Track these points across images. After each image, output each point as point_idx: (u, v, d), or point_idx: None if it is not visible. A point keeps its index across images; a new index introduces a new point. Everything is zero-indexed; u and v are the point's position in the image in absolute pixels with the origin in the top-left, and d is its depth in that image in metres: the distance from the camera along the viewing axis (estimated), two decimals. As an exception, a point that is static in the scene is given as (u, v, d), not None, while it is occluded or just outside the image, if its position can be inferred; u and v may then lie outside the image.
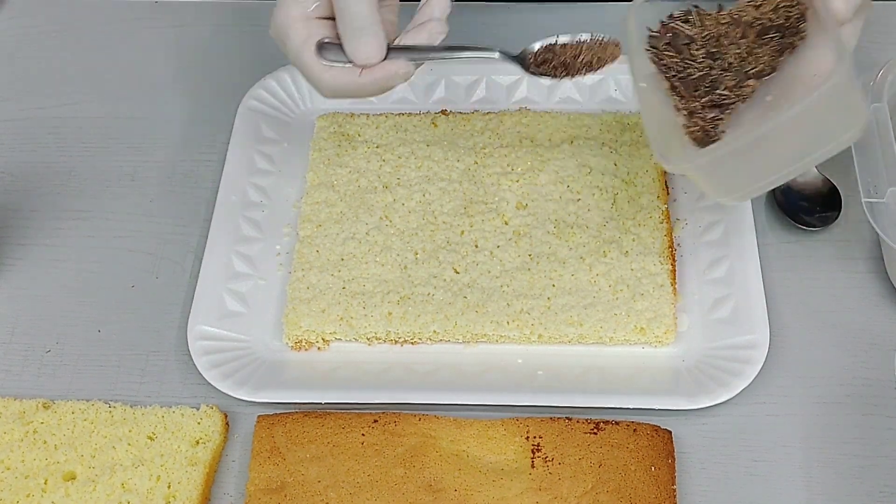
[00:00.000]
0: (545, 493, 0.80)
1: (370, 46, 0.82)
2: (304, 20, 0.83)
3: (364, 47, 0.82)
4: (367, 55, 0.82)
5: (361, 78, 0.82)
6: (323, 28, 0.83)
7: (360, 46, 0.82)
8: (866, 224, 0.91)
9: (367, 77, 0.82)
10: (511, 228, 0.94)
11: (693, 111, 0.81)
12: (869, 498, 0.81)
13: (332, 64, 0.82)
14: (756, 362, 0.85)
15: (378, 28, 0.82)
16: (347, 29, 0.82)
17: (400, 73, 0.83)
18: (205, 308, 0.90)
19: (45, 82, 1.11)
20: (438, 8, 0.84)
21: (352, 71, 0.82)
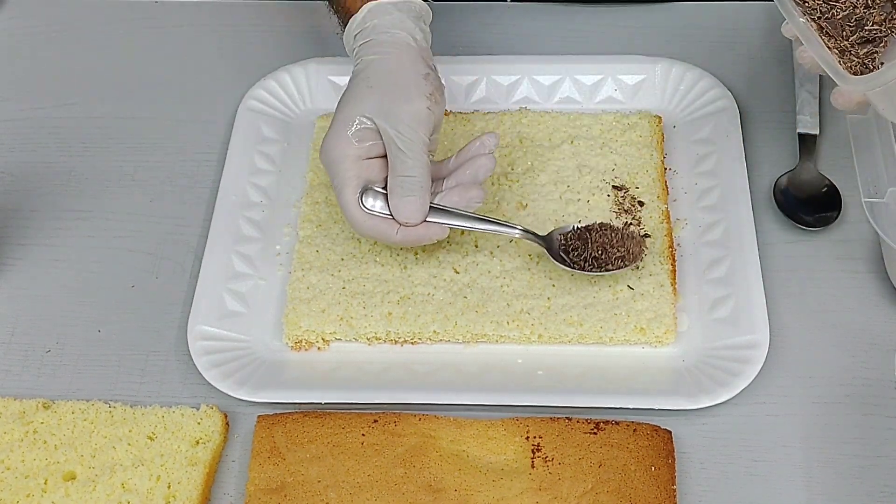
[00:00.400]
0: (545, 493, 0.80)
1: (415, 209, 0.86)
2: (356, 160, 0.86)
3: (408, 208, 0.86)
4: (409, 216, 0.86)
5: (398, 235, 0.87)
6: (372, 169, 0.86)
7: (406, 207, 0.86)
8: (866, 224, 0.91)
9: (403, 234, 0.87)
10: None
11: (844, 49, 0.80)
12: (869, 498, 0.81)
13: (373, 213, 0.86)
14: (756, 362, 0.85)
15: (426, 193, 0.86)
16: (396, 187, 0.86)
17: (434, 238, 0.88)
18: (205, 308, 0.90)
19: (45, 82, 1.11)
20: (482, 172, 0.89)
21: (390, 224, 0.86)
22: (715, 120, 1.01)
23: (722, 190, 0.96)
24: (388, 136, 0.85)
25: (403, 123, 0.85)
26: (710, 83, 1.03)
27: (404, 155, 0.85)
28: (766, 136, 1.01)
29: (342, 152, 0.85)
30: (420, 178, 0.85)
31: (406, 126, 0.85)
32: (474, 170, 0.89)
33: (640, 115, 1.02)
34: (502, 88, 1.05)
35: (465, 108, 1.04)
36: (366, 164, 0.86)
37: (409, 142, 0.85)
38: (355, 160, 0.86)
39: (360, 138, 0.86)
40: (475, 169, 0.89)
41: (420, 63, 0.88)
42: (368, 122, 0.85)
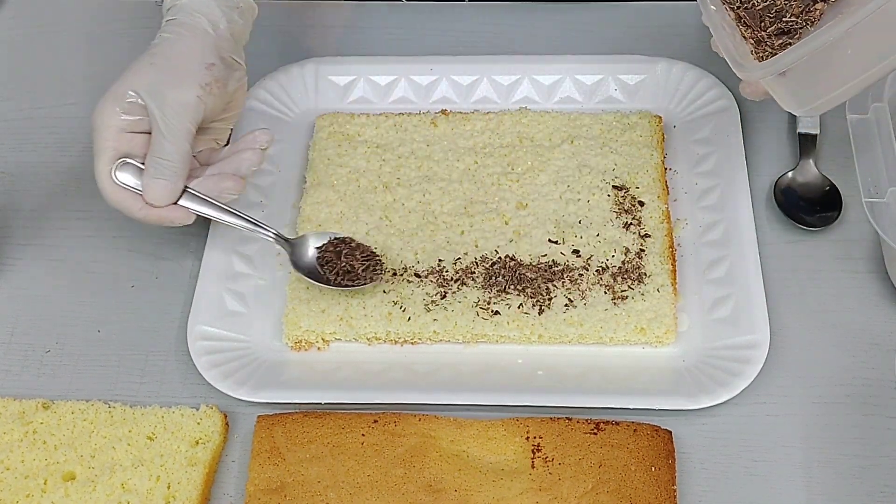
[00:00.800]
0: (545, 493, 0.80)
1: (163, 192, 0.86)
2: (118, 131, 0.86)
3: (158, 191, 0.86)
4: (156, 199, 0.86)
5: (140, 211, 0.87)
6: (134, 143, 0.86)
7: (155, 189, 0.86)
8: (866, 224, 0.90)
9: (145, 212, 0.87)
10: (511, 228, 0.94)
11: (760, 39, 0.80)
12: (869, 498, 0.81)
13: (123, 186, 0.86)
14: (756, 362, 0.85)
15: (179, 178, 0.86)
16: (151, 167, 0.86)
17: (176, 221, 0.88)
18: (205, 308, 0.90)
19: (45, 82, 1.11)
20: (245, 165, 0.89)
21: (136, 200, 0.86)
22: (715, 120, 1.01)
23: (722, 190, 0.96)
24: (153, 115, 0.85)
25: (168, 107, 0.85)
26: (711, 83, 1.03)
27: (163, 138, 0.85)
28: (766, 136, 1.01)
29: (105, 121, 0.85)
30: (175, 163, 0.85)
31: (170, 110, 0.85)
32: (238, 162, 0.89)
33: (640, 114, 1.02)
34: (502, 88, 1.05)
35: (465, 108, 1.04)
36: (128, 136, 0.86)
37: (171, 126, 0.85)
38: (117, 131, 0.85)
39: (127, 111, 0.85)
40: (239, 161, 0.89)
41: (208, 52, 0.88)
42: (139, 98, 0.85)
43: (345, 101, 1.06)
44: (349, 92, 1.06)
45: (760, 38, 0.79)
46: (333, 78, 1.06)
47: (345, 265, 0.90)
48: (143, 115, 0.86)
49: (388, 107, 1.05)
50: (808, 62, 0.75)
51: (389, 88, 1.06)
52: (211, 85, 0.87)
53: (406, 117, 1.03)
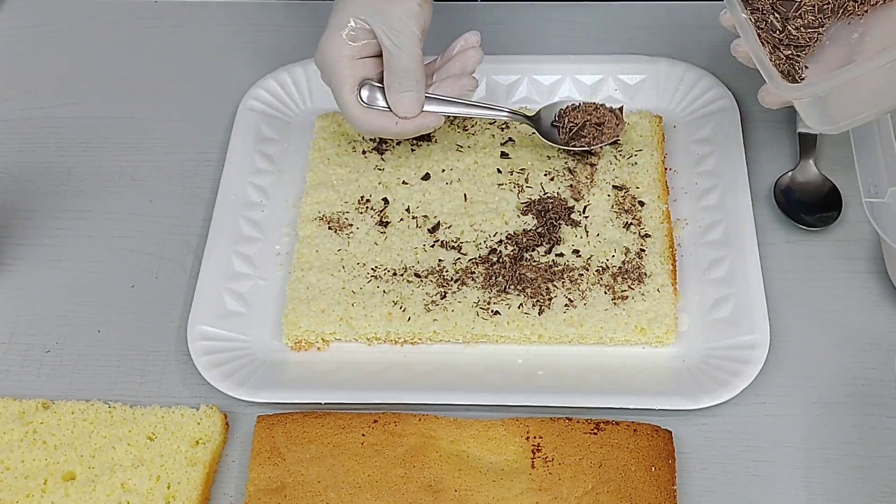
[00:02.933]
0: (545, 493, 0.80)
1: (412, 103, 0.90)
2: (351, 59, 0.89)
3: (406, 102, 0.90)
4: (407, 110, 0.90)
5: (397, 126, 0.91)
6: (367, 67, 0.90)
7: (403, 101, 0.90)
8: (866, 224, 0.91)
9: (401, 126, 0.91)
10: (511, 228, 0.94)
11: (775, 46, 0.83)
12: (869, 498, 0.81)
13: (372, 107, 0.90)
14: (756, 362, 0.85)
15: (422, 86, 0.90)
16: (394, 82, 0.89)
17: (431, 126, 0.92)
18: (205, 308, 0.90)
19: (45, 82, 1.11)
20: (471, 62, 0.92)
21: (389, 117, 0.91)
22: (715, 120, 1.01)
23: (722, 190, 0.96)
24: (381, 33, 0.87)
25: (396, 19, 0.87)
26: (711, 83, 1.03)
27: (399, 50, 0.87)
28: (767, 136, 1.01)
29: (337, 53, 0.88)
30: (415, 72, 0.88)
31: (399, 22, 0.87)
32: (463, 61, 0.92)
33: (640, 114, 1.02)
34: (502, 88, 1.05)
35: (464, 107, 1.04)
36: (360, 62, 0.89)
37: (403, 37, 0.87)
38: (350, 60, 0.89)
39: (353, 38, 0.88)
40: (464, 60, 0.92)
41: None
42: (362, 22, 0.88)
43: (345, 100, 1.06)
44: (349, 92, 1.06)
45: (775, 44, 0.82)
46: (333, 78, 1.06)
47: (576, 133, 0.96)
48: (369, 38, 0.88)
49: (388, 107, 1.05)
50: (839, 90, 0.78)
51: (389, 88, 1.06)
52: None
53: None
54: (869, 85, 0.79)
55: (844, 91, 0.79)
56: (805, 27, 0.83)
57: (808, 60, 0.83)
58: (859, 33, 0.83)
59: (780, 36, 0.83)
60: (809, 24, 0.83)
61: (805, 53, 0.83)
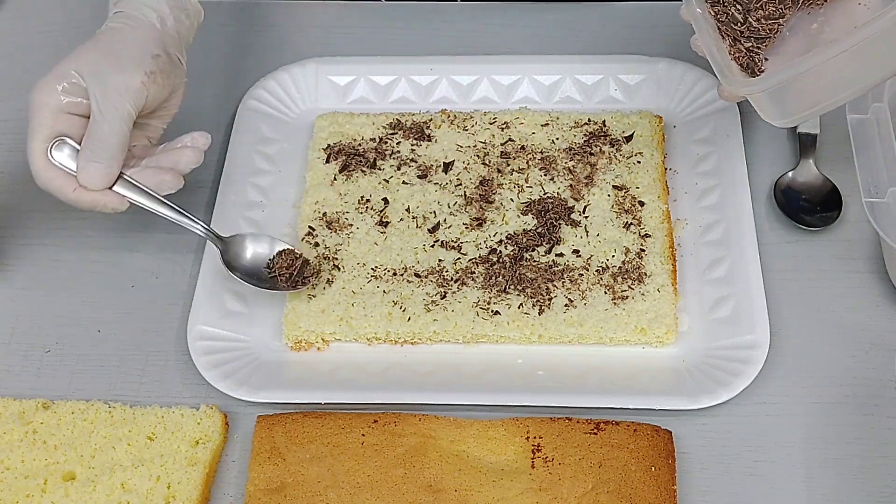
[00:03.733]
0: (545, 493, 0.80)
1: (98, 175, 0.85)
2: (55, 111, 0.84)
3: (92, 174, 0.84)
4: (91, 182, 0.85)
5: (73, 193, 0.85)
6: (71, 125, 0.85)
7: (89, 171, 0.84)
8: (866, 224, 0.90)
9: (77, 194, 0.85)
10: (511, 228, 0.94)
11: (736, 38, 0.82)
12: (869, 498, 0.81)
13: (57, 165, 0.85)
14: (756, 362, 0.85)
15: (116, 162, 0.85)
16: (87, 149, 0.84)
17: (110, 206, 0.86)
18: (205, 308, 0.90)
19: (45, 82, 1.10)
20: (184, 161, 0.88)
21: (69, 181, 0.85)
22: (715, 120, 1.01)
23: (722, 190, 0.96)
24: (94, 97, 0.84)
25: (111, 89, 0.84)
26: (711, 83, 1.03)
27: (103, 119, 0.84)
28: (767, 136, 1.01)
29: (44, 99, 0.84)
30: (112, 147, 0.84)
31: (113, 92, 0.84)
32: (177, 157, 0.89)
33: (640, 114, 1.02)
34: (502, 88, 1.05)
35: (465, 108, 1.04)
36: (66, 117, 0.85)
37: (111, 109, 0.84)
38: (55, 111, 0.84)
39: (67, 91, 0.84)
40: (179, 157, 0.89)
41: (154, 43, 0.88)
42: (81, 79, 0.84)
43: (345, 101, 1.06)
44: (349, 92, 1.06)
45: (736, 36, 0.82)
46: (333, 78, 1.06)
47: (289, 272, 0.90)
48: (83, 97, 0.85)
49: (388, 107, 1.05)
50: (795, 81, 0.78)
51: (389, 88, 1.06)
52: (155, 74, 0.86)
53: (406, 117, 1.03)
54: (823, 77, 0.78)
55: (799, 84, 0.78)
56: (766, 18, 0.82)
57: (768, 52, 0.83)
58: (819, 23, 0.82)
59: (741, 28, 0.82)
60: (770, 15, 0.82)
61: (765, 45, 0.82)
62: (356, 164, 0.99)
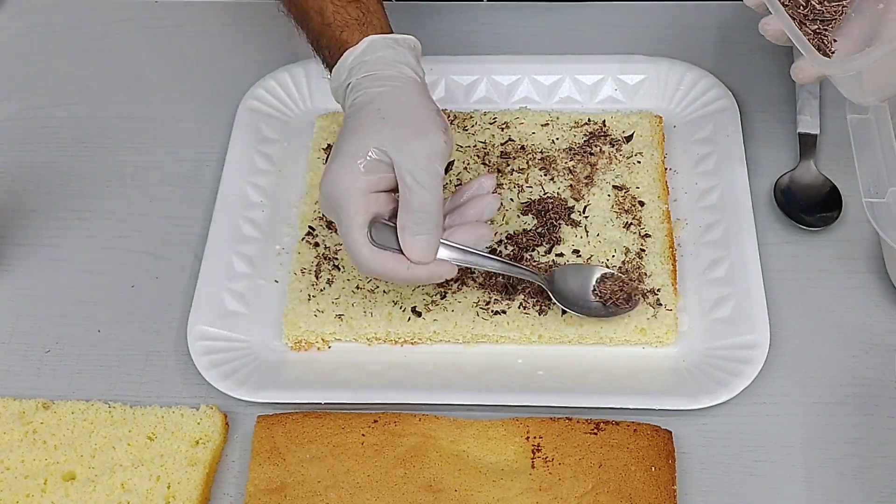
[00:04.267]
0: (545, 493, 0.80)
1: (428, 247, 0.81)
2: (365, 193, 0.80)
3: (421, 246, 0.81)
4: (421, 255, 0.81)
5: (408, 271, 0.82)
6: (379, 202, 0.82)
7: (418, 244, 0.81)
8: (866, 224, 0.90)
9: (413, 272, 0.82)
10: (511, 228, 0.94)
11: (801, 21, 0.82)
12: (869, 498, 0.81)
13: (382, 249, 0.81)
14: (756, 362, 0.85)
15: (439, 230, 0.82)
16: (410, 223, 0.81)
17: (444, 275, 0.83)
18: (205, 308, 0.90)
19: (45, 82, 1.11)
20: (489, 209, 0.86)
21: (400, 260, 0.81)
22: (715, 120, 1.01)
23: (722, 190, 0.96)
24: (402, 169, 0.80)
25: (421, 156, 0.80)
26: (711, 83, 1.03)
27: (421, 189, 0.80)
28: (767, 136, 1.01)
29: (351, 184, 0.80)
30: (435, 214, 0.81)
31: (424, 159, 0.80)
32: (480, 208, 0.86)
33: (640, 114, 1.02)
34: (502, 88, 1.05)
35: (465, 108, 1.04)
36: (374, 197, 0.81)
37: (426, 175, 0.80)
38: (364, 193, 0.80)
39: (370, 169, 0.81)
40: (481, 207, 0.86)
41: (429, 98, 0.85)
42: (382, 154, 0.81)
43: (345, 101, 1.06)
44: (349, 92, 1.06)
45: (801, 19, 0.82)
46: (333, 78, 1.06)
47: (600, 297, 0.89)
48: (386, 171, 0.81)
49: (388, 107, 1.05)
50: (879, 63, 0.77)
51: (389, 88, 1.06)
52: (448, 130, 0.83)
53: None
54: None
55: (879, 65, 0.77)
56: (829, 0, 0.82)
57: (836, 34, 0.83)
58: (885, 3, 0.81)
59: (805, 11, 0.82)
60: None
61: (832, 27, 0.82)
62: None
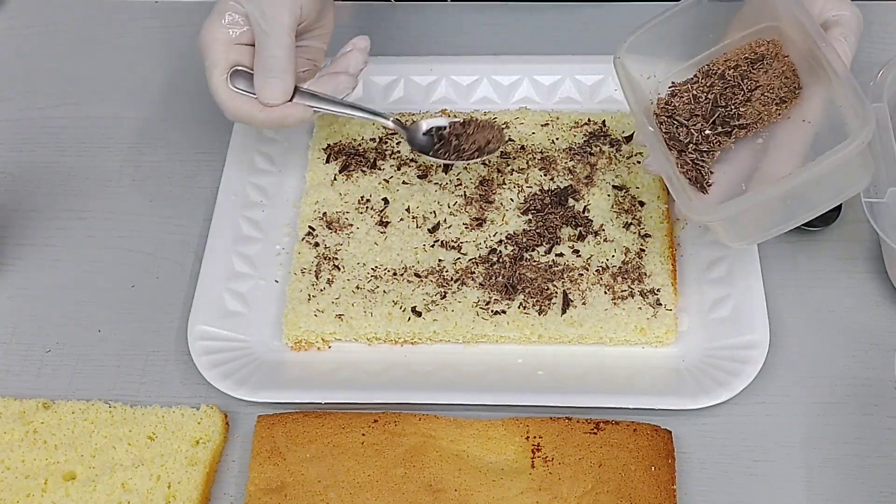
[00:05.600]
0: (545, 493, 0.80)
1: (276, 89, 0.88)
2: (226, 44, 0.89)
3: (270, 89, 0.88)
4: (271, 97, 0.88)
5: (261, 113, 0.89)
6: (242, 54, 0.90)
7: (267, 87, 0.88)
8: (866, 224, 0.91)
9: (266, 114, 0.89)
10: (511, 228, 0.94)
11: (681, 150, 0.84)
12: (869, 498, 0.81)
13: (239, 92, 0.89)
14: (756, 362, 0.85)
15: (289, 74, 0.89)
16: (260, 68, 0.89)
17: (296, 117, 0.90)
18: (205, 308, 0.90)
19: (45, 82, 1.11)
20: (353, 63, 0.92)
21: (254, 104, 0.89)
22: (715, 120, 1.01)
23: (722, 190, 0.96)
24: (254, 18, 0.88)
25: (268, 4, 0.87)
26: (710, 83, 1.03)
27: (266, 36, 0.87)
28: (766, 136, 1.01)
29: (212, 36, 0.89)
30: (282, 59, 0.88)
31: (270, 7, 0.87)
32: (346, 61, 0.92)
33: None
34: (502, 88, 1.05)
35: (465, 108, 1.04)
36: (236, 48, 0.89)
37: (272, 22, 0.87)
38: (225, 44, 0.89)
39: (232, 23, 0.89)
40: (347, 60, 0.92)
41: None
42: (240, 7, 0.88)
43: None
44: (349, 92, 1.06)
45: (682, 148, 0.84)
46: (333, 78, 1.06)
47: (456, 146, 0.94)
48: (246, 25, 0.89)
49: (389, 107, 1.05)
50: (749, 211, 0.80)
51: (389, 88, 1.06)
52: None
53: (406, 117, 1.03)
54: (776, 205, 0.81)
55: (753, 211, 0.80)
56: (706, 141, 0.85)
57: (714, 164, 0.85)
58: (764, 138, 0.85)
59: (687, 140, 0.85)
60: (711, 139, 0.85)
61: (711, 157, 0.84)
62: (356, 164, 0.99)
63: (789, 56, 0.85)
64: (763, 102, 0.84)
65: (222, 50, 0.89)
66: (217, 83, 0.89)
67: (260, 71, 0.88)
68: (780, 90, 0.84)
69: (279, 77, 0.88)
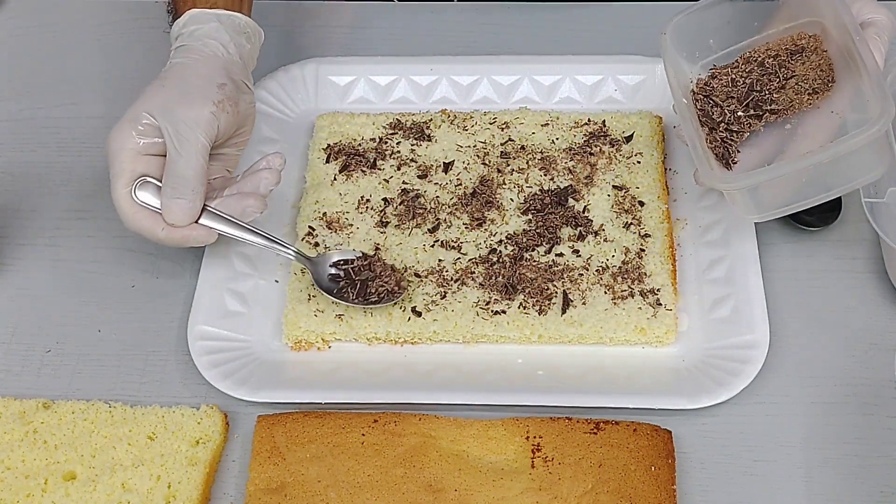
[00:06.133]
0: (545, 493, 0.80)
1: (182, 212, 0.86)
2: (134, 154, 0.86)
3: (177, 210, 0.86)
4: (177, 218, 0.86)
5: (162, 232, 0.87)
6: (150, 165, 0.87)
7: (174, 208, 0.86)
8: (866, 224, 0.90)
9: (167, 233, 0.87)
10: (511, 228, 0.94)
11: (713, 127, 0.87)
12: (869, 498, 0.81)
13: (143, 206, 0.86)
14: (756, 362, 0.85)
15: (198, 195, 0.86)
16: (168, 187, 0.86)
17: (199, 240, 0.88)
18: (205, 308, 0.90)
19: (45, 82, 1.11)
20: (264, 184, 0.89)
21: (157, 220, 0.87)
22: (715, 120, 1.01)
23: (722, 190, 0.96)
24: (167, 134, 0.86)
25: (182, 123, 0.85)
26: (710, 83, 1.03)
27: (178, 156, 0.85)
28: (766, 136, 1.01)
29: (121, 144, 0.86)
30: (192, 181, 0.85)
31: (184, 126, 0.85)
32: (256, 181, 0.89)
33: (640, 114, 1.02)
34: (502, 88, 1.05)
35: (464, 108, 1.04)
36: (145, 159, 0.87)
37: (186, 143, 0.85)
38: (133, 153, 0.86)
39: (142, 133, 0.86)
40: (258, 181, 0.90)
41: (219, 72, 0.89)
42: (152, 119, 0.86)
43: (345, 101, 1.06)
44: (349, 92, 1.06)
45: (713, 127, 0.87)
46: (333, 78, 1.06)
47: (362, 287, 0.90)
48: (158, 136, 0.86)
49: (388, 107, 1.05)
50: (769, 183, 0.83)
51: (389, 88, 1.06)
52: (223, 103, 0.87)
53: (406, 117, 1.03)
54: (795, 181, 0.83)
55: (773, 186, 0.83)
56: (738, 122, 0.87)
57: (742, 145, 0.87)
58: (792, 125, 0.87)
59: (720, 119, 0.87)
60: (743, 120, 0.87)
61: (740, 138, 0.87)
62: (356, 164, 0.99)
63: (828, 52, 0.87)
64: (796, 91, 0.86)
65: (129, 160, 0.86)
66: (119, 195, 0.86)
67: (168, 190, 0.86)
68: (814, 81, 0.86)
69: (188, 198, 0.86)
